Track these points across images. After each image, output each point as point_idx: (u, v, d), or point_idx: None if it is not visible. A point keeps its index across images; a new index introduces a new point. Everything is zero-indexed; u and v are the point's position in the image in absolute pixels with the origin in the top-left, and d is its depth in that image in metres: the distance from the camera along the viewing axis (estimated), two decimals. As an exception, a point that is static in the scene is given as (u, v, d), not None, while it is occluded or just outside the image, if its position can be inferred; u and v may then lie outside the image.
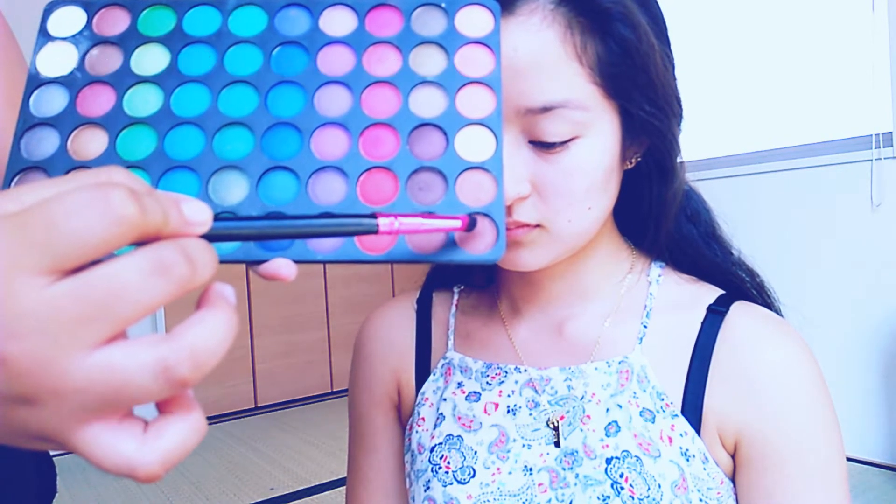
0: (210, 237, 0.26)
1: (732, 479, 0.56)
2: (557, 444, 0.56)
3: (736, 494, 0.55)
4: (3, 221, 0.22)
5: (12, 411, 0.23)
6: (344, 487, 1.50)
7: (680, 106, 0.56)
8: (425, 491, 0.58)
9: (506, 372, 0.60)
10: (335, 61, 0.37)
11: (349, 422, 0.71)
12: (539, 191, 0.50)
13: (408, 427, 0.65)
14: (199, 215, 0.26)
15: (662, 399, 0.55)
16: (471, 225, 0.33)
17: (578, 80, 0.48)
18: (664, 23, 0.55)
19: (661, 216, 0.59)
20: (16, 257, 0.21)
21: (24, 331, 0.21)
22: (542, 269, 0.55)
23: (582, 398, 0.57)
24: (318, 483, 2.56)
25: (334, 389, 3.83)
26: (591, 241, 0.56)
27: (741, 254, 0.64)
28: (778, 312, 0.61)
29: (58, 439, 0.23)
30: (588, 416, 0.56)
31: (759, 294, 0.62)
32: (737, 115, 2.81)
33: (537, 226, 0.51)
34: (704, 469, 0.54)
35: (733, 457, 0.55)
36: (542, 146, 0.49)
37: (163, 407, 0.25)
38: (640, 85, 0.51)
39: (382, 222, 0.30)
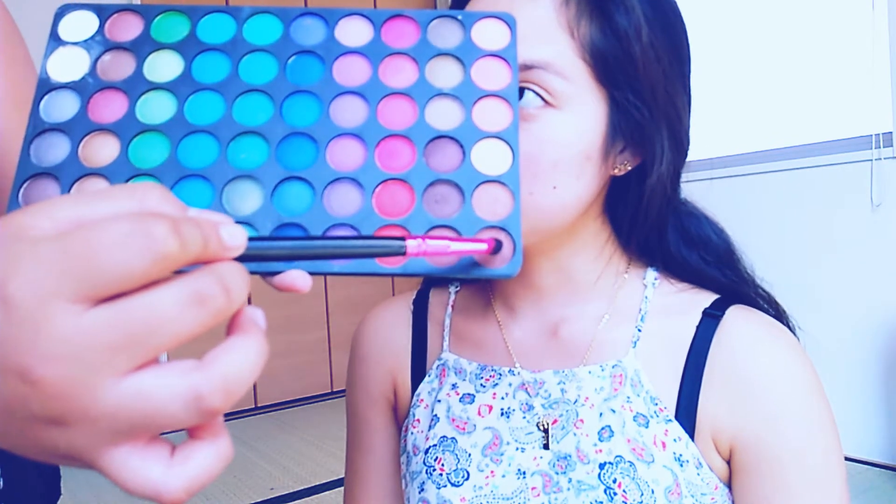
0: (242, 258, 0.26)
1: (727, 485, 0.55)
2: (546, 447, 0.56)
3: (732, 500, 0.55)
4: (42, 245, 0.22)
5: (43, 431, 0.23)
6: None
7: (676, 112, 0.54)
8: (420, 493, 0.58)
9: (500, 374, 0.60)
10: (351, 72, 0.37)
11: (347, 422, 0.71)
12: None
13: (403, 428, 0.64)
14: (236, 240, 0.26)
15: (656, 404, 0.55)
16: (496, 248, 0.33)
17: (567, 50, 0.49)
18: (674, 27, 0.55)
19: (644, 222, 0.57)
20: (54, 284, 0.21)
21: (58, 355, 0.21)
22: (529, 262, 0.55)
23: (575, 402, 0.56)
24: (318, 483, 2.56)
25: (334, 389, 3.82)
26: (574, 234, 0.56)
27: (763, 281, 0.61)
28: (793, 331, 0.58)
29: (85, 459, 0.24)
30: (581, 421, 0.55)
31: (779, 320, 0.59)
32: (736, 115, 2.81)
33: None
34: (698, 474, 0.53)
35: (728, 462, 0.55)
36: None
37: (192, 430, 0.25)
38: (628, 74, 0.50)
39: (410, 244, 0.30)
